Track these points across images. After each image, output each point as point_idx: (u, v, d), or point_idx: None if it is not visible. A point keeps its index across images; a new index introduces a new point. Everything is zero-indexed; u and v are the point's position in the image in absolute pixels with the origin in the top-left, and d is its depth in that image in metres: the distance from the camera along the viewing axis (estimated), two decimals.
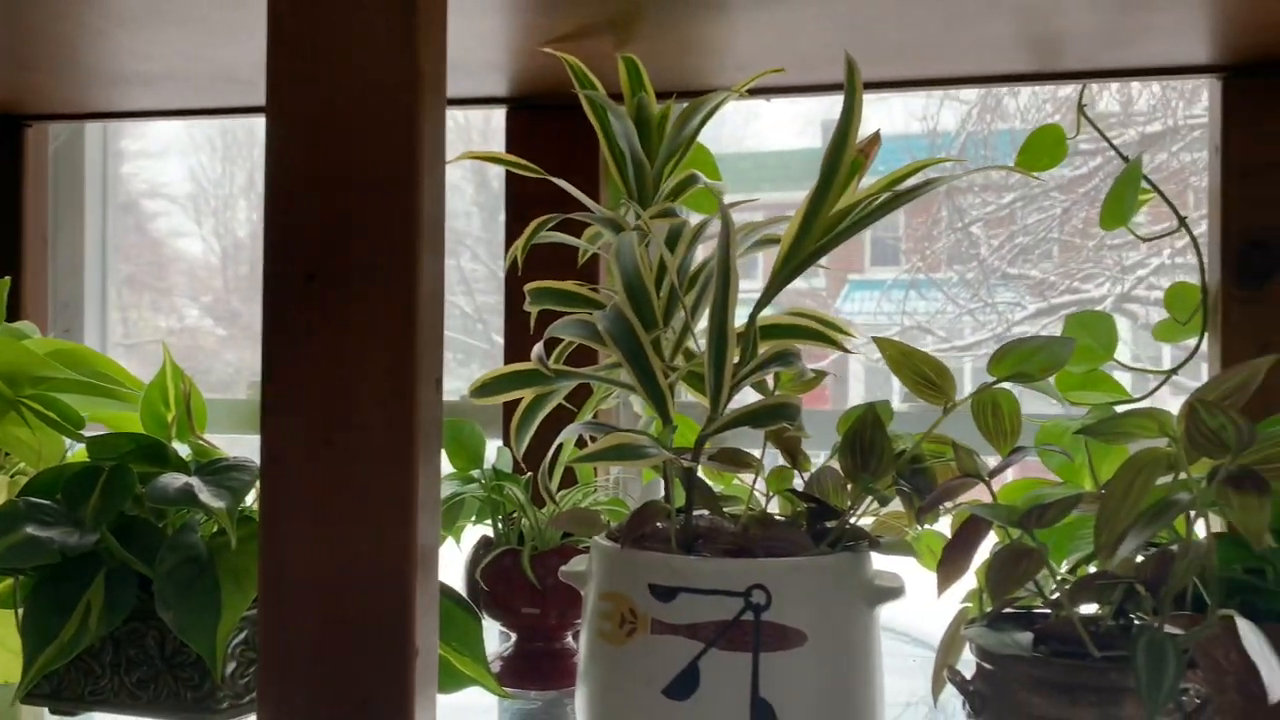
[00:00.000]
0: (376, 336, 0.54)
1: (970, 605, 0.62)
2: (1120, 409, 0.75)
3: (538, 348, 0.61)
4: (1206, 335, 0.81)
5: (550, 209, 0.66)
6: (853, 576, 0.57)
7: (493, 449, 0.82)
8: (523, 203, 0.92)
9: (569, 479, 0.82)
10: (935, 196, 3.57)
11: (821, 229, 0.56)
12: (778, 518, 0.63)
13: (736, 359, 0.56)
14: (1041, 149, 0.82)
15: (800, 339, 0.60)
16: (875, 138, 0.61)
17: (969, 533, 0.55)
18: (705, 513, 0.62)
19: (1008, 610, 0.59)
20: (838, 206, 0.57)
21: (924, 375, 0.59)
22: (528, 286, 0.65)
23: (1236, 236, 0.79)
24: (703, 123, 0.68)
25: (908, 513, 0.62)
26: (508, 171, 0.91)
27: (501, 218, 0.98)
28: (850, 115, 0.54)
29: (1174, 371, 0.80)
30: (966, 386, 0.64)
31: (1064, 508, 0.50)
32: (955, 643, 0.61)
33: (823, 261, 0.59)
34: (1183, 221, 0.80)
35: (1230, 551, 0.61)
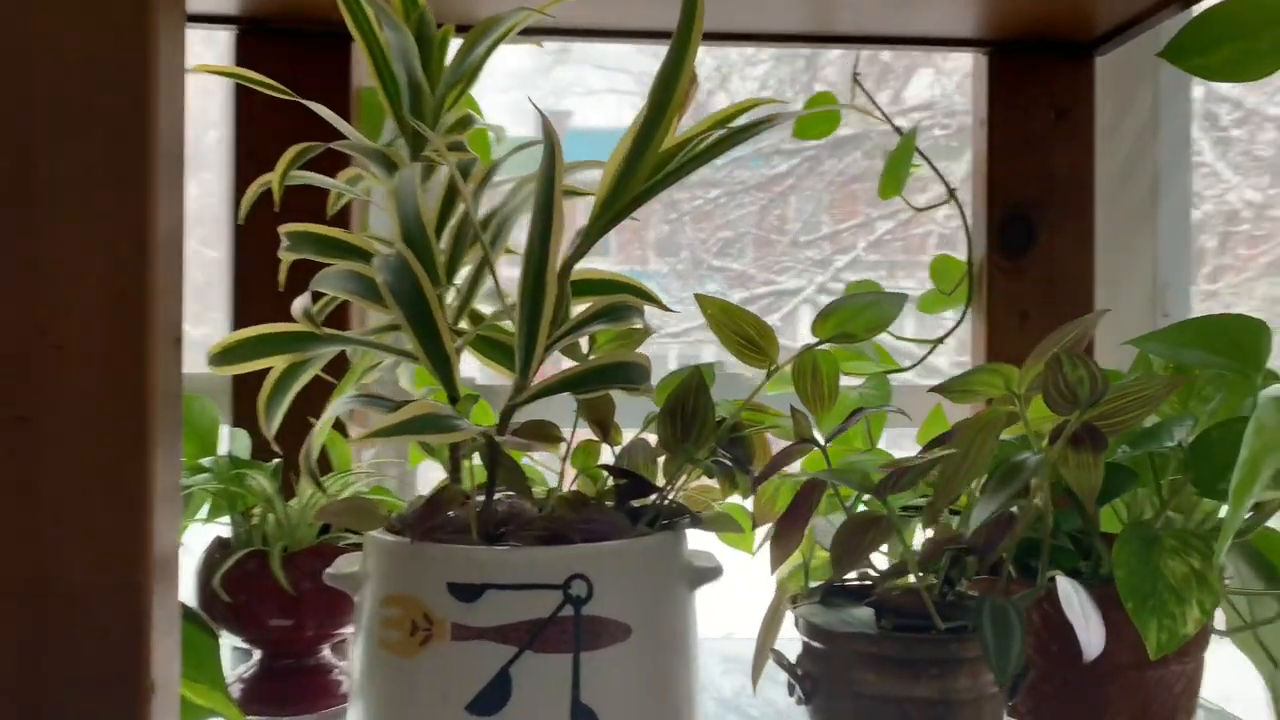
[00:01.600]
0: (92, 277, 0.41)
1: (789, 582, 0.59)
2: (891, 378, 0.75)
3: (302, 301, 0.50)
4: (971, 305, 0.83)
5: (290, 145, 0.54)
6: (674, 558, 0.52)
7: (223, 434, 0.68)
8: (257, 138, 0.77)
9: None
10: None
11: (650, 167, 0.49)
12: (588, 498, 0.56)
13: (552, 316, 0.48)
14: (818, 114, 0.81)
15: (619, 295, 0.53)
16: (692, 77, 0.55)
17: (805, 501, 0.51)
18: (502, 496, 0.53)
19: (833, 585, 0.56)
20: (665, 146, 0.50)
21: (746, 336, 0.55)
22: (284, 228, 0.53)
23: (1000, 209, 0.81)
24: (491, 49, 0.59)
25: (721, 485, 0.57)
26: (239, 100, 0.77)
27: (208, 200, 0.83)
28: (689, 32, 0.47)
29: (942, 340, 0.81)
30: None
31: (920, 472, 0.47)
32: (775, 624, 0.57)
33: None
34: (952, 194, 0.81)
35: None
